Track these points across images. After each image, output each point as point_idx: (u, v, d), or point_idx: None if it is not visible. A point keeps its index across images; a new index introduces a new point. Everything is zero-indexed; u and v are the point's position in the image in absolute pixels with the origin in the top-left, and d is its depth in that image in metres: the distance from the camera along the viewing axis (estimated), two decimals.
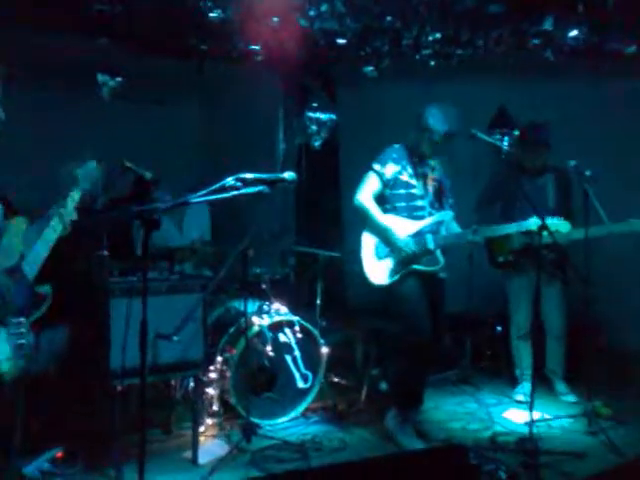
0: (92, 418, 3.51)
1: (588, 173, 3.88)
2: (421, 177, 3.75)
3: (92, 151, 3.09)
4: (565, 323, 4.31)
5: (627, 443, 3.53)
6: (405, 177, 3.70)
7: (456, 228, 3.76)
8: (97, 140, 4.95)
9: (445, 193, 3.82)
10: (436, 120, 3.59)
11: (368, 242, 3.76)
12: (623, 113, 5.01)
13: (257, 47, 4.97)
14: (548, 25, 4.55)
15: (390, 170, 3.69)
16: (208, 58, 5.18)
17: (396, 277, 3.64)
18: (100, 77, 4.73)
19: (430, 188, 3.77)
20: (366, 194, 3.71)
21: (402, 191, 3.70)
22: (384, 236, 3.67)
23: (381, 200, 3.74)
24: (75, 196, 2.85)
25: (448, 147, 3.75)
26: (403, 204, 3.70)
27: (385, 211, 3.72)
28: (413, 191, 3.71)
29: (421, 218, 3.70)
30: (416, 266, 3.62)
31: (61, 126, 5.11)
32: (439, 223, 3.69)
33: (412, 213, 3.70)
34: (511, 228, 3.74)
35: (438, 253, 3.66)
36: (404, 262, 3.62)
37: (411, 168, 3.73)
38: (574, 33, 4.57)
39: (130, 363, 2.86)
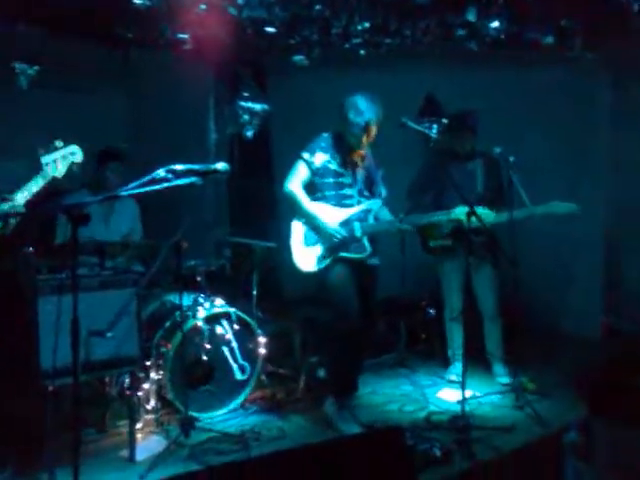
0: (22, 420, 3.39)
1: (512, 159, 4.04)
2: (350, 166, 3.79)
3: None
4: (498, 304, 4.45)
5: (551, 415, 3.74)
6: (333, 166, 3.74)
7: (387, 216, 3.82)
8: (18, 132, 4.76)
9: (375, 182, 3.86)
10: (355, 113, 3.62)
11: (297, 230, 3.80)
12: (544, 101, 5.23)
13: (185, 35, 4.88)
14: (471, 16, 4.68)
15: (319, 159, 3.73)
16: (134, 46, 5.04)
17: (324, 263, 3.69)
18: (18, 65, 4.52)
19: (359, 177, 3.81)
20: (295, 182, 3.74)
21: (331, 180, 3.74)
22: (312, 223, 3.72)
23: (311, 189, 3.77)
24: (32, 187, 2.65)
25: (379, 135, 3.80)
26: (332, 192, 3.75)
27: (315, 199, 3.76)
28: (342, 180, 3.76)
29: (350, 206, 3.75)
30: (343, 253, 3.69)
31: None
32: (367, 211, 3.75)
33: (341, 201, 3.75)
34: (438, 216, 3.87)
35: (365, 240, 3.72)
36: (332, 249, 3.68)
37: (339, 157, 3.76)
38: (495, 24, 4.72)
39: (62, 362, 2.78)
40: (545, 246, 5.02)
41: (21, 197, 2.62)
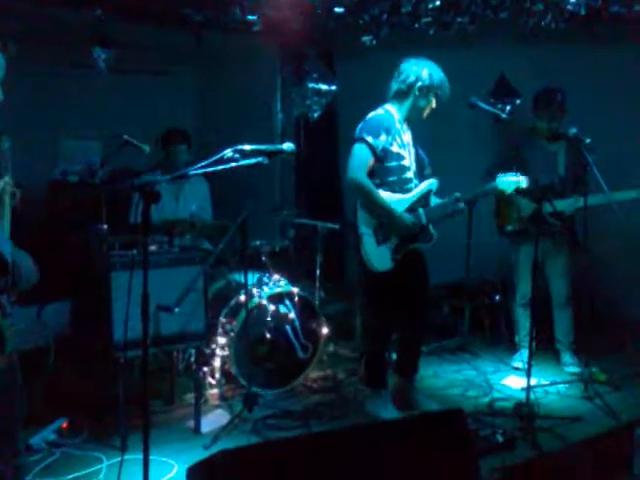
0: (97, 389, 3.57)
1: (588, 141, 3.87)
2: (407, 146, 3.49)
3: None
4: (570, 292, 4.30)
5: (622, 408, 3.59)
6: (395, 148, 3.40)
7: (435, 199, 3.54)
8: (91, 113, 4.96)
9: (423, 160, 3.62)
10: (439, 80, 3.38)
11: (367, 225, 3.44)
12: (628, 80, 4.95)
13: (255, 17, 4.92)
14: None
15: (382, 142, 3.35)
16: (205, 28, 5.12)
17: (397, 258, 3.44)
18: (96, 50, 4.69)
19: (412, 157, 3.55)
20: (362, 171, 3.33)
21: (394, 164, 3.40)
22: (386, 216, 3.37)
23: (370, 174, 3.38)
24: None
25: (446, 115, 3.66)
26: (394, 178, 3.42)
27: (375, 186, 3.39)
28: (403, 163, 3.44)
29: (409, 191, 3.47)
30: (413, 245, 3.46)
31: (59, 100, 5.10)
32: (427, 194, 3.49)
33: (403, 187, 3.44)
34: (487, 187, 3.55)
35: (431, 227, 3.51)
36: (404, 242, 3.44)
37: (399, 137, 3.43)
38: None
39: (132, 335, 2.89)
40: (618, 233, 4.79)
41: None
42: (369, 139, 3.35)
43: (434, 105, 3.49)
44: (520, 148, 4.24)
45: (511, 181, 3.45)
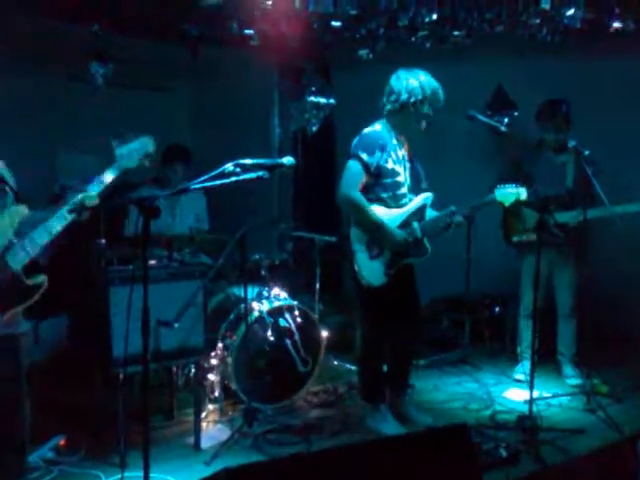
0: (95, 405, 3.53)
1: (587, 153, 3.88)
2: (402, 161, 3.51)
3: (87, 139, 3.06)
4: (575, 304, 4.30)
5: (624, 420, 3.58)
6: (390, 164, 3.41)
7: (431, 212, 3.56)
8: (88, 128, 4.95)
9: (419, 174, 3.63)
10: (435, 93, 3.36)
11: (360, 241, 3.47)
12: (623, 93, 4.98)
13: (251, 31, 4.93)
14: (545, 4, 4.51)
15: (377, 159, 3.37)
16: (202, 43, 5.13)
17: (390, 274, 3.45)
18: (93, 65, 4.69)
19: (407, 172, 3.56)
20: (354, 187, 3.35)
21: (388, 180, 3.42)
22: (378, 232, 3.39)
23: (363, 190, 3.41)
24: (106, 179, 2.73)
25: (442, 127, 3.64)
26: (389, 194, 3.45)
27: (369, 202, 3.41)
28: (398, 179, 3.45)
29: (404, 206, 3.49)
30: (407, 260, 3.48)
31: (54, 114, 5.09)
32: (422, 208, 3.51)
33: (397, 202, 3.47)
34: (486, 199, 3.54)
35: (425, 241, 3.50)
36: (397, 258, 3.45)
37: (394, 153, 3.45)
38: (571, 12, 4.53)
39: (132, 350, 2.86)
40: (619, 244, 4.79)
41: (93, 188, 2.68)
42: (363, 156, 3.37)
43: (431, 114, 3.49)
44: (522, 163, 4.25)
45: (510, 192, 3.46)
